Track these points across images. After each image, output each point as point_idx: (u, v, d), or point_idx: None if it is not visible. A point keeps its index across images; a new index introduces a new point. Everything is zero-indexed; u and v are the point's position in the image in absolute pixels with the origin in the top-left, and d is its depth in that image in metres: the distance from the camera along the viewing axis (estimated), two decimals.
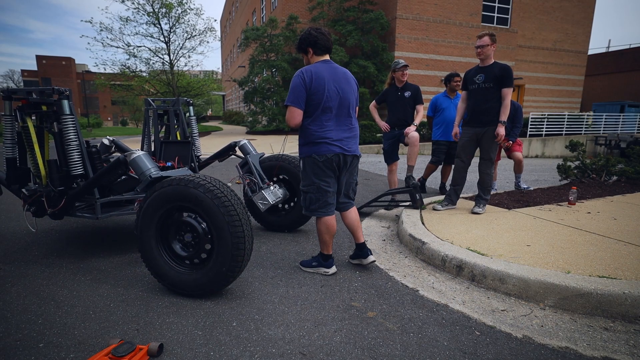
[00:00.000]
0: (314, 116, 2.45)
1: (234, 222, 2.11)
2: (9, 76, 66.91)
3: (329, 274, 2.67)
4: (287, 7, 18.22)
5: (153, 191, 2.25)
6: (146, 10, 20.24)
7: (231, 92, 38.72)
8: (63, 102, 2.69)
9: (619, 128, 16.96)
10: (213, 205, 2.10)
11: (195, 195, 2.12)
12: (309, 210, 2.61)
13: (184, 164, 3.57)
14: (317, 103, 2.42)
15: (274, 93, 17.55)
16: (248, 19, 28.40)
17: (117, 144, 3.89)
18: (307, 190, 2.58)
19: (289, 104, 2.42)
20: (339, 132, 2.51)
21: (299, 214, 3.53)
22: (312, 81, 2.39)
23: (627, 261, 2.51)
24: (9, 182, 3.03)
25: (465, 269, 2.55)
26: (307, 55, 2.53)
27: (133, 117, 48.72)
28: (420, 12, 16.88)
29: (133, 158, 2.56)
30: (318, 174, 2.51)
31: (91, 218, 2.84)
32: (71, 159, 2.75)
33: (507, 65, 3.62)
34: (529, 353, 1.78)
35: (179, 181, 2.17)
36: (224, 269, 2.15)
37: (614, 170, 5.46)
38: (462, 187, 4.03)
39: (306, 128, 2.49)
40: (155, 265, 2.30)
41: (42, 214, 2.93)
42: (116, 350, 1.62)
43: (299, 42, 2.53)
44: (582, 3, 21.86)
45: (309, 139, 2.49)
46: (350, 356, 1.75)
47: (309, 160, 2.52)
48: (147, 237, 2.29)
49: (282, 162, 3.48)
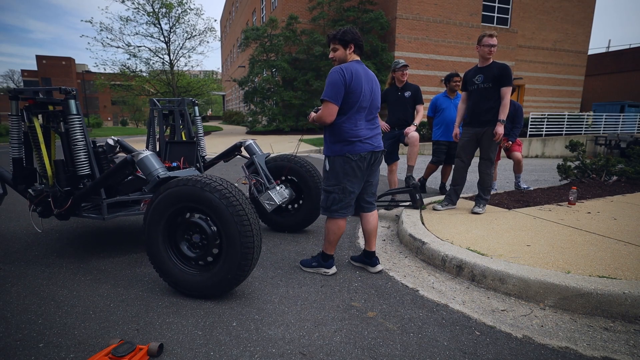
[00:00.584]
0: (348, 114, 2.41)
1: (246, 233, 2.09)
2: (9, 76, 66.96)
3: (329, 274, 2.66)
4: (287, 7, 18.23)
5: (165, 189, 2.21)
6: (146, 10, 20.24)
7: (231, 92, 38.72)
8: (70, 102, 2.68)
9: (619, 128, 16.95)
10: (227, 213, 2.08)
11: (210, 199, 2.09)
12: (329, 210, 2.55)
13: (190, 164, 3.55)
14: (354, 102, 2.39)
15: (274, 93, 17.56)
16: (248, 19, 28.40)
17: (121, 144, 3.87)
18: (331, 190, 2.51)
19: (327, 99, 2.36)
20: (367, 130, 2.49)
21: (305, 214, 3.51)
22: (352, 80, 2.35)
23: (627, 261, 2.51)
24: (15, 183, 3.01)
25: (465, 269, 2.55)
26: (346, 50, 2.45)
27: (133, 117, 48.74)
28: (420, 12, 16.89)
29: (140, 158, 2.55)
30: (348, 174, 2.46)
31: (97, 218, 2.83)
32: (78, 159, 2.74)
33: (505, 64, 3.63)
34: (529, 353, 1.78)
35: (195, 182, 2.14)
36: (229, 275, 2.14)
37: (614, 170, 5.46)
38: (462, 187, 4.03)
39: (340, 126, 2.43)
40: (161, 262, 2.28)
41: (49, 215, 2.91)
42: (116, 350, 1.63)
43: (343, 34, 2.43)
44: (582, 3, 21.87)
45: (342, 137, 2.43)
46: (350, 356, 1.75)
47: (340, 159, 2.45)
48: (154, 234, 2.27)
49: (291, 163, 3.44)
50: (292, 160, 3.47)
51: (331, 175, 2.51)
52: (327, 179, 2.54)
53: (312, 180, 3.41)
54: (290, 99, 16.75)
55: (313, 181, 3.41)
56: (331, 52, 2.51)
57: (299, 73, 17.08)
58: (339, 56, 2.48)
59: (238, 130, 23.10)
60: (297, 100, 16.76)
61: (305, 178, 3.42)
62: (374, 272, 2.70)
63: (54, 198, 2.78)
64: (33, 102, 2.74)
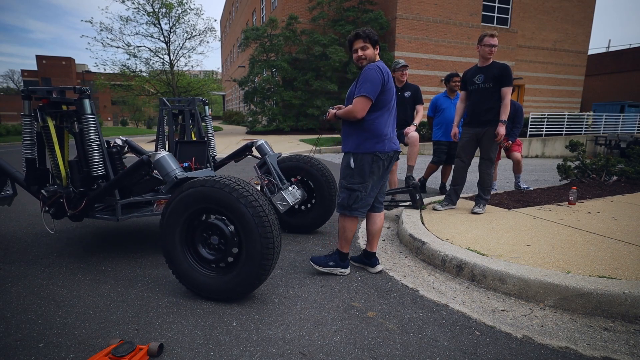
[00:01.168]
0: (380, 112, 2.43)
1: (267, 234, 2.07)
2: (9, 76, 67.05)
3: (346, 274, 2.64)
4: (287, 7, 18.22)
5: (183, 190, 2.18)
6: (146, 10, 20.22)
7: (231, 92, 38.72)
8: (85, 102, 2.64)
9: (619, 128, 16.95)
10: (247, 213, 2.05)
11: (230, 200, 2.06)
12: (349, 209, 2.52)
13: (200, 164, 3.50)
14: (387, 101, 2.43)
15: (274, 93, 17.55)
16: (248, 19, 28.40)
17: (130, 144, 3.81)
18: (356, 189, 2.48)
19: (367, 95, 2.35)
20: (391, 130, 2.53)
21: (316, 215, 3.49)
22: (388, 79, 2.41)
23: (627, 261, 2.51)
24: (28, 184, 2.96)
25: (465, 269, 2.55)
26: (374, 49, 2.49)
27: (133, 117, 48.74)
28: (420, 12, 16.89)
29: (158, 159, 2.50)
30: (374, 172, 2.47)
31: (111, 220, 2.79)
32: (92, 160, 2.69)
33: (505, 64, 3.63)
34: (529, 353, 1.78)
35: (214, 183, 2.10)
36: (251, 275, 2.11)
37: (614, 170, 5.46)
38: (462, 187, 4.03)
39: (372, 122, 2.43)
40: (178, 266, 2.25)
41: (62, 216, 2.87)
42: (116, 350, 1.62)
43: (372, 34, 2.47)
44: (582, 3, 21.87)
45: (374, 134, 2.43)
46: (350, 356, 1.75)
47: (369, 157, 2.44)
48: (171, 236, 2.24)
49: (306, 165, 3.41)
50: (307, 161, 3.42)
51: (356, 173, 2.47)
52: (350, 176, 2.49)
53: (326, 181, 3.38)
54: (290, 99, 16.75)
55: (327, 182, 3.38)
56: (360, 51, 2.47)
57: (298, 73, 17.08)
58: (369, 55, 2.47)
59: (238, 130, 23.10)
60: (297, 100, 16.76)
61: (319, 179, 3.39)
62: (374, 273, 2.70)
63: (68, 199, 2.75)
64: (47, 102, 2.70)
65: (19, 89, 4.20)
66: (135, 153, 3.95)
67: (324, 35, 16.58)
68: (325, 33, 17.13)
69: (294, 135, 16.20)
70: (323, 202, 3.43)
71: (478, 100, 3.72)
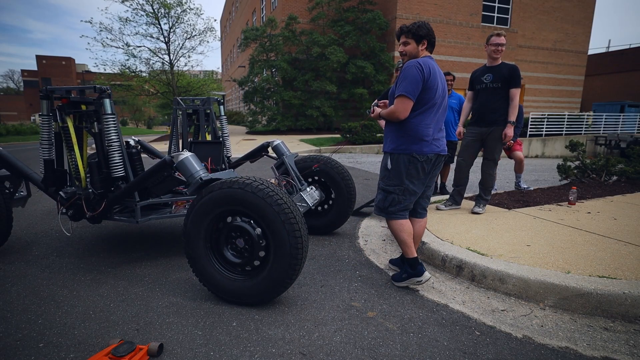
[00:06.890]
0: (419, 111, 2.29)
1: (295, 233, 2.03)
2: (9, 76, 67.05)
3: (423, 282, 2.38)
4: (287, 7, 18.23)
5: (208, 191, 2.14)
6: (146, 11, 20.21)
7: (231, 92, 38.73)
8: (105, 101, 2.60)
9: (619, 128, 16.96)
10: (274, 213, 2.01)
11: (256, 201, 2.03)
12: (385, 212, 2.41)
13: (215, 165, 3.44)
14: (428, 99, 2.27)
15: (274, 93, 17.56)
16: (248, 19, 28.40)
17: (142, 144, 3.72)
18: (392, 191, 2.37)
19: (406, 95, 2.22)
20: (435, 131, 2.36)
21: (334, 216, 3.45)
22: (430, 75, 2.23)
23: (627, 261, 2.51)
24: (46, 185, 2.90)
25: (465, 268, 2.55)
26: (418, 45, 2.33)
27: (133, 117, 48.72)
28: (420, 12, 16.89)
29: (181, 160, 2.41)
30: (412, 175, 2.34)
31: (130, 222, 2.74)
32: (112, 160, 2.65)
33: (515, 65, 3.60)
34: (529, 353, 1.78)
35: (240, 184, 2.07)
36: (280, 277, 2.08)
37: (614, 170, 5.46)
38: (465, 187, 4.01)
39: (408, 122, 2.30)
40: (202, 268, 2.22)
41: (80, 218, 2.81)
42: (116, 350, 1.62)
43: (418, 29, 2.30)
44: (582, 3, 21.87)
45: (411, 135, 2.30)
46: (350, 356, 1.75)
47: (406, 158, 2.32)
48: (196, 239, 2.20)
49: (325, 166, 3.38)
50: (328, 163, 3.39)
51: (393, 174, 2.37)
52: (387, 178, 2.40)
53: (345, 183, 3.35)
54: (289, 98, 16.75)
55: (345, 184, 3.35)
56: (401, 46, 2.37)
57: (298, 73, 17.08)
58: (410, 51, 2.35)
59: (238, 130, 23.10)
60: (296, 100, 16.76)
61: (337, 180, 3.36)
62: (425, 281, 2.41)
63: (87, 201, 2.69)
64: (67, 101, 2.65)
65: (19, 89, 4.19)
66: (147, 153, 3.89)
67: (323, 36, 16.57)
68: (325, 33, 17.13)
69: (294, 135, 16.19)
70: (342, 203, 3.39)
71: (485, 99, 3.70)
